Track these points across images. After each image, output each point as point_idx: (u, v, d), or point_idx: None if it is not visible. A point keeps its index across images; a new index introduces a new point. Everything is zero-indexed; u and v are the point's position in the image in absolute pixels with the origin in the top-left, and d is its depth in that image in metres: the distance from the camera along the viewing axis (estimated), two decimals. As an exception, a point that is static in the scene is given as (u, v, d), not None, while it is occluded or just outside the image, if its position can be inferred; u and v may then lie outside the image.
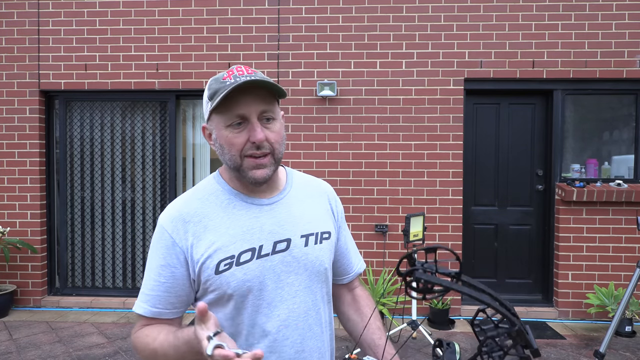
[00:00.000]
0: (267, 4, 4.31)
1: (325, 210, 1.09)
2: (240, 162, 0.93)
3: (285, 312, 0.95)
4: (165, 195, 4.56)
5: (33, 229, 4.43)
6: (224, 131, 0.93)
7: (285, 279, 0.96)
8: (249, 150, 0.92)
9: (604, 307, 3.83)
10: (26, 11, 4.41)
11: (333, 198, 1.13)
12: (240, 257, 0.92)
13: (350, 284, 1.18)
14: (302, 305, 0.97)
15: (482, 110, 4.44)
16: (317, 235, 1.02)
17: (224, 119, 0.92)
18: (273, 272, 0.94)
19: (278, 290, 0.95)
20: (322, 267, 1.01)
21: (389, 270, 4.23)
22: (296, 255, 0.97)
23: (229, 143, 0.93)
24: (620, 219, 4.11)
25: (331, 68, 4.29)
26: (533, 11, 4.19)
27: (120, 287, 4.64)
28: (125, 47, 4.40)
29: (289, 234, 0.98)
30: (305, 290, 0.98)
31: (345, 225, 1.17)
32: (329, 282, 1.06)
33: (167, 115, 4.53)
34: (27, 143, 4.43)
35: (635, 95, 4.28)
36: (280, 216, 0.99)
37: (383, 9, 4.26)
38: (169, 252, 0.93)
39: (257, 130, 0.91)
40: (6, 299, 4.21)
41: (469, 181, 4.40)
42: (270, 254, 0.95)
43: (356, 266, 1.18)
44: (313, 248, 1.00)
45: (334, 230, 1.08)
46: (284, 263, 0.96)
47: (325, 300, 1.05)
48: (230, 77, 0.91)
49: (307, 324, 0.98)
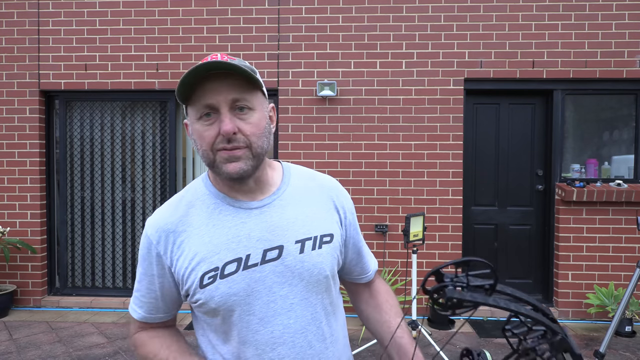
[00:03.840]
0: (267, 4, 4.31)
1: (328, 209, 0.97)
2: (213, 157, 0.85)
3: (279, 328, 0.86)
4: (165, 195, 4.56)
5: (33, 229, 4.43)
6: (196, 124, 0.86)
7: (278, 291, 0.86)
8: (220, 144, 0.83)
9: (604, 307, 3.83)
10: (26, 11, 4.41)
11: (338, 195, 1.01)
12: (224, 269, 0.84)
13: (369, 282, 1.12)
14: (298, 320, 0.87)
15: (482, 110, 4.44)
16: (316, 239, 0.91)
17: (194, 111, 0.86)
18: (263, 285, 0.85)
19: (270, 304, 0.86)
20: (322, 275, 0.90)
21: (389, 270, 4.23)
22: (290, 264, 0.87)
23: (199, 137, 0.85)
24: (620, 219, 4.11)
25: (331, 68, 4.29)
26: (533, 11, 4.19)
27: (120, 287, 4.64)
28: (125, 47, 4.40)
29: (281, 241, 0.88)
30: (302, 302, 0.88)
31: (357, 223, 1.06)
32: (331, 292, 0.95)
33: (167, 115, 4.53)
34: (27, 143, 4.43)
35: (635, 95, 4.28)
36: (271, 220, 0.89)
37: (383, 9, 4.26)
38: (157, 263, 0.91)
39: (224, 121, 0.82)
40: (6, 299, 4.21)
41: (469, 181, 4.40)
42: (259, 263, 0.86)
43: (372, 265, 1.11)
44: (310, 254, 0.89)
45: (338, 232, 0.96)
46: (275, 273, 0.86)
47: (329, 312, 0.94)
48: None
49: (307, 340, 0.88)
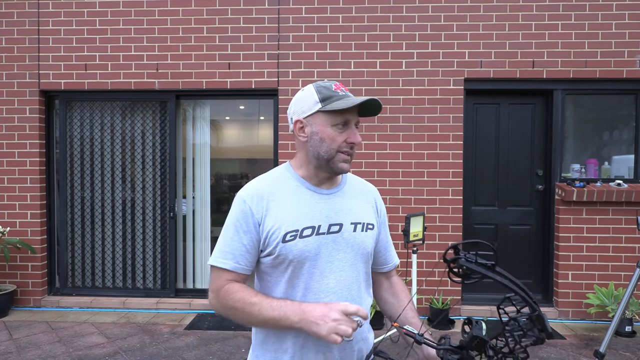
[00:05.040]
0: (267, 4, 4.31)
1: (371, 206, 1.30)
2: (334, 155, 1.15)
3: (333, 282, 1.14)
4: (165, 195, 4.56)
5: (33, 229, 4.43)
6: (329, 129, 1.14)
7: (336, 255, 1.16)
8: (344, 147, 1.15)
9: (604, 307, 3.83)
10: (26, 11, 4.41)
11: (378, 198, 1.36)
12: (303, 232, 1.13)
13: (389, 273, 1.38)
14: (347, 278, 1.17)
15: (482, 110, 4.44)
16: (364, 224, 1.22)
17: (331, 119, 1.14)
18: (326, 248, 1.15)
19: (329, 264, 1.15)
20: (366, 250, 1.21)
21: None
22: (346, 237, 1.18)
23: (331, 138, 1.14)
24: (620, 219, 4.10)
25: (331, 68, 4.29)
26: (533, 11, 4.19)
27: (120, 287, 4.64)
28: (125, 47, 4.40)
29: (341, 220, 1.18)
30: (351, 267, 1.18)
31: (387, 223, 1.38)
32: (369, 265, 1.27)
33: (167, 115, 4.53)
34: (27, 143, 4.43)
35: (635, 95, 4.28)
36: (336, 204, 1.20)
37: (383, 9, 4.26)
38: (249, 221, 1.14)
39: (357, 134, 1.16)
40: (6, 299, 4.21)
41: (469, 181, 4.40)
42: (325, 233, 1.15)
43: (394, 259, 1.40)
44: (360, 234, 1.20)
45: (376, 224, 1.28)
46: (335, 242, 1.16)
47: (365, 279, 1.25)
48: (338, 89, 1.16)
49: (350, 294, 1.16)
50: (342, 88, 1.18)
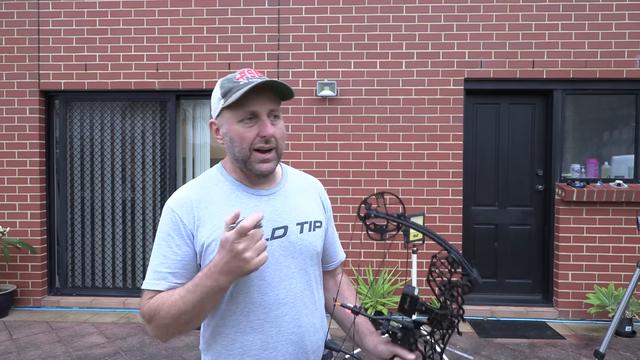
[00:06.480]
0: (267, 4, 4.31)
1: (317, 202, 1.20)
2: (249, 155, 1.02)
3: (283, 291, 1.05)
4: (165, 195, 4.56)
5: (33, 229, 4.43)
6: (236, 125, 1.01)
7: (283, 261, 1.06)
8: (258, 143, 1.01)
9: (604, 307, 3.83)
10: (26, 11, 4.41)
11: (322, 193, 1.25)
12: None
13: (334, 271, 1.30)
14: (298, 285, 1.07)
15: (482, 110, 4.44)
16: (311, 223, 1.12)
17: (236, 115, 1.01)
18: (272, 256, 1.03)
19: (277, 272, 1.04)
20: (315, 251, 1.12)
21: (389, 270, 4.23)
22: (292, 240, 1.07)
23: (240, 136, 1.01)
24: (620, 219, 4.10)
25: (331, 68, 4.29)
26: (533, 11, 4.19)
27: (120, 287, 4.64)
28: (125, 47, 4.39)
29: (285, 222, 1.08)
30: (301, 272, 1.09)
31: (332, 218, 1.28)
32: (320, 265, 1.18)
33: (167, 115, 4.53)
34: (27, 143, 4.43)
35: (635, 95, 4.28)
36: (277, 205, 1.09)
37: (383, 9, 4.26)
38: (182, 232, 1.01)
39: (267, 125, 1.01)
40: (6, 299, 4.21)
41: (469, 181, 4.40)
42: (269, 239, 1.04)
43: (340, 254, 1.30)
44: (307, 234, 1.10)
45: (324, 221, 1.19)
46: (281, 248, 1.06)
47: (318, 282, 1.16)
48: (242, 77, 1.01)
49: (303, 302, 1.08)
50: (246, 76, 1.02)
